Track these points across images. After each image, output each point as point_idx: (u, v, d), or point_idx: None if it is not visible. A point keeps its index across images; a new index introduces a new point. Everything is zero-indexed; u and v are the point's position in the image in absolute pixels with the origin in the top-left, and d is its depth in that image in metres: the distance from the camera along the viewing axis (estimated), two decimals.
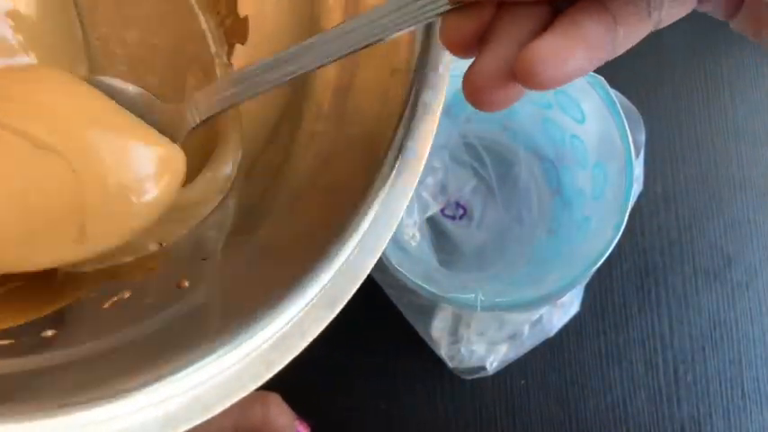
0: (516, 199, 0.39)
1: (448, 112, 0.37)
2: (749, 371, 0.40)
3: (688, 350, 0.40)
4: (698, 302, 0.41)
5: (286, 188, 0.26)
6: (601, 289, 0.40)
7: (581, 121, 0.33)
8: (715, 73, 0.43)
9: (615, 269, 0.40)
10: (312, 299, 0.20)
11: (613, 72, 0.35)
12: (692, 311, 0.41)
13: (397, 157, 0.21)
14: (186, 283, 0.24)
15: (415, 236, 0.37)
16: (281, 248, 0.24)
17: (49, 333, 0.23)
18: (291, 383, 0.37)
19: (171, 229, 0.27)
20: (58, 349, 0.22)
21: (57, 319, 0.24)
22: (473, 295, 0.30)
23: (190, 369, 0.17)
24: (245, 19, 0.29)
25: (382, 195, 0.21)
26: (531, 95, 0.35)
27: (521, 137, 0.38)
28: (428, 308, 0.37)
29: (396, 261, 0.30)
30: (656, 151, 0.41)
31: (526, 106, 0.36)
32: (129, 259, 0.26)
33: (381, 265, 0.32)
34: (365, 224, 0.21)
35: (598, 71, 0.31)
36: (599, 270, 0.31)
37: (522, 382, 0.39)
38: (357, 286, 0.21)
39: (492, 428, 0.39)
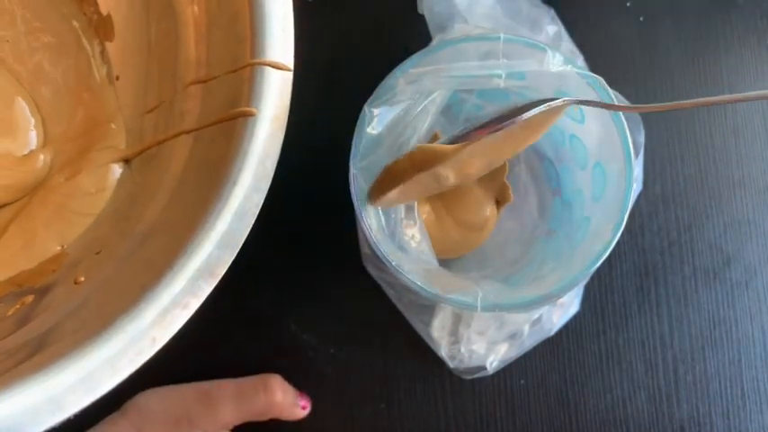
0: (516, 199, 0.39)
1: (447, 111, 0.37)
2: (749, 370, 0.40)
3: (688, 350, 0.40)
4: (697, 302, 0.41)
5: (167, 175, 0.27)
6: (601, 289, 0.40)
7: (580, 122, 0.33)
8: (714, 72, 0.43)
9: (615, 269, 0.40)
10: (191, 269, 0.21)
11: (613, 72, 0.36)
12: (691, 311, 0.41)
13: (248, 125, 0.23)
14: (82, 278, 0.25)
15: (414, 236, 0.37)
16: (164, 227, 0.25)
17: None
18: (292, 384, 0.37)
19: (70, 228, 0.28)
20: None
21: None
22: (473, 295, 0.30)
23: (75, 355, 0.18)
24: (109, 17, 0.31)
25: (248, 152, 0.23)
26: (531, 95, 0.35)
27: None
28: (428, 308, 0.37)
29: (396, 261, 0.30)
30: (655, 151, 0.41)
31: None
32: (32, 265, 0.27)
33: (381, 265, 0.32)
34: (232, 182, 0.22)
35: (597, 71, 0.32)
36: (599, 270, 0.31)
37: (522, 381, 0.39)
38: (236, 251, 0.22)
39: (492, 428, 0.39)
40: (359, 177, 0.31)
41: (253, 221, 0.22)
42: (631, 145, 0.31)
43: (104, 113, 0.30)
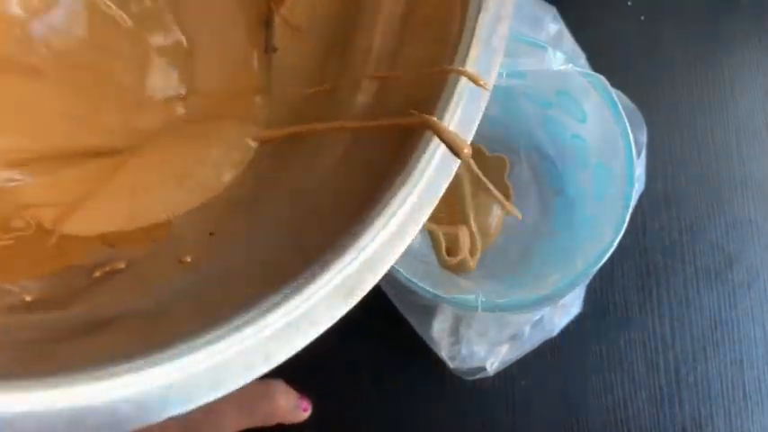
0: (517, 199, 0.39)
1: None
2: (750, 371, 0.40)
3: (689, 350, 0.40)
4: (699, 302, 0.40)
5: (308, 167, 0.24)
6: (602, 289, 0.40)
7: (582, 121, 0.33)
8: (716, 72, 0.43)
9: (616, 269, 0.40)
10: (327, 284, 0.17)
11: (614, 71, 0.35)
12: (693, 312, 0.40)
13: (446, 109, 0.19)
14: (189, 259, 0.22)
15: (415, 236, 0.37)
16: (298, 227, 0.22)
17: (28, 298, 0.21)
18: (291, 385, 0.37)
19: (185, 198, 0.25)
20: (37, 314, 0.20)
21: (41, 284, 0.22)
22: (474, 296, 0.30)
23: (173, 352, 0.15)
24: None
25: (419, 173, 0.19)
26: (532, 95, 0.35)
27: (522, 136, 0.38)
28: (429, 308, 0.37)
29: (396, 262, 0.30)
30: (657, 151, 0.41)
31: (527, 106, 0.36)
32: (130, 228, 0.24)
33: None
34: (393, 207, 0.18)
35: (599, 71, 0.31)
36: (600, 270, 0.31)
37: (523, 382, 0.39)
38: (380, 276, 0.18)
39: (493, 429, 0.39)
40: None
41: (402, 251, 0.19)
42: (633, 144, 0.31)
43: (253, 84, 0.27)
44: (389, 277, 0.37)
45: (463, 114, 0.20)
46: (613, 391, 0.39)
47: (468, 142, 0.20)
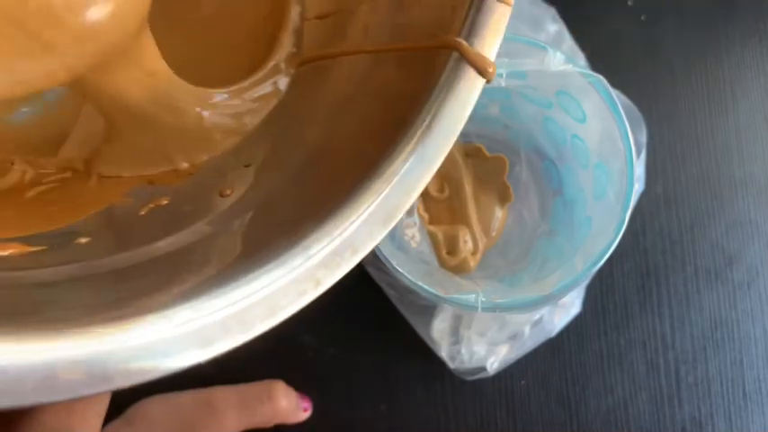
0: (517, 199, 0.39)
1: None
2: (751, 371, 0.40)
3: (689, 351, 0.40)
4: (699, 302, 0.40)
5: (334, 92, 0.24)
6: (602, 289, 0.40)
7: (582, 121, 0.33)
8: (716, 72, 0.43)
9: (616, 269, 0.40)
10: (365, 210, 0.18)
11: (614, 72, 0.35)
12: (693, 312, 0.40)
13: (458, 53, 0.19)
14: (229, 191, 0.22)
15: (415, 236, 0.37)
16: (331, 154, 0.22)
17: (83, 240, 0.21)
18: (292, 385, 0.37)
19: (198, 149, 0.24)
20: (92, 259, 0.20)
21: (90, 226, 0.22)
22: (474, 296, 0.30)
23: (231, 284, 0.16)
24: None
25: (445, 93, 0.19)
26: (532, 95, 0.35)
27: (521, 136, 0.38)
28: (428, 308, 0.37)
29: (396, 262, 0.30)
30: (657, 151, 0.41)
31: (527, 106, 0.36)
32: (153, 172, 0.24)
33: (382, 266, 0.32)
34: (422, 128, 0.18)
35: (599, 71, 0.31)
36: (600, 270, 0.31)
37: (523, 382, 0.39)
38: (414, 197, 0.18)
39: (492, 429, 0.39)
40: None
41: (437, 166, 0.19)
42: (633, 144, 0.31)
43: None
44: (390, 278, 0.37)
45: (488, 33, 0.20)
46: (613, 392, 0.39)
47: (493, 60, 0.20)
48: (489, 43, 0.19)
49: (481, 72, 0.19)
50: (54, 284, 0.19)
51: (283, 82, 0.25)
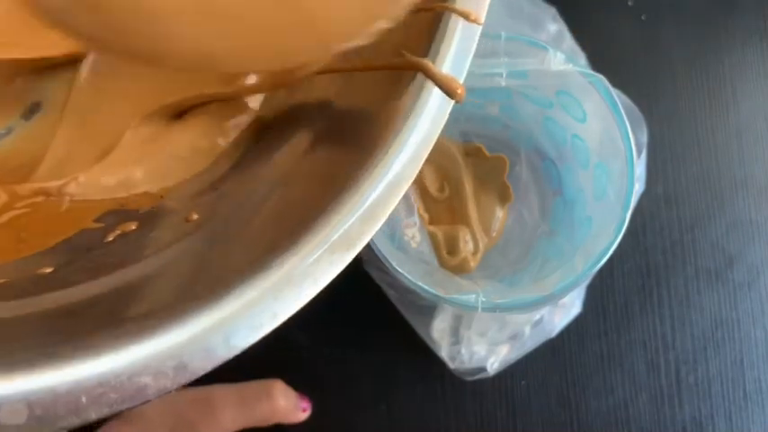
0: (517, 199, 0.39)
1: None
2: (751, 371, 0.40)
3: (690, 351, 0.40)
4: (700, 303, 0.40)
5: (305, 113, 0.24)
6: (602, 289, 0.40)
7: (582, 121, 0.33)
8: (717, 71, 0.43)
9: (617, 269, 0.40)
10: (328, 238, 0.18)
11: (615, 71, 0.35)
12: (693, 312, 0.40)
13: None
14: (195, 216, 0.22)
15: (415, 236, 0.37)
16: (300, 179, 0.22)
17: (47, 270, 0.21)
18: (291, 385, 0.37)
19: (173, 173, 0.24)
20: (56, 290, 0.20)
21: (56, 254, 0.22)
22: (474, 296, 0.30)
23: (189, 315, 0.16)
24: None
25: (413, 114, 0.19)
26: (532, 95, 0.34)
27: (522, 136, 0.38)
28: (429, 309, 0.37)
29: (396, 262, 0.30)
30: (657, 151, 0.41)
31: (527, 105, 0.36)
32: (125, 194, 0.24)
33: (382, 266, 0.32)
34: (391, 152, 0.18)
35: (599, 71, 0.31)
36: (600, 270, 0.31)
37: (523, 383, 0.39)
38: (379, 226, 0.18)
39: (493, 430, 0.39)
40: None
41: (401, 196, 0.19)
42: (633, 144, 0.31)
43: None
44: (390, 278, 0.37)
45: (456, 53, 0.19)
46: (614, 392, 0.39)
47: (462, 81, 0.19)
48: (457, 63, 0.19)
49: (449, 93, 0.19)
50: (26, 317, 0.19)
51: (255, 100, 0.25)
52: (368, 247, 0.34)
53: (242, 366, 0.39)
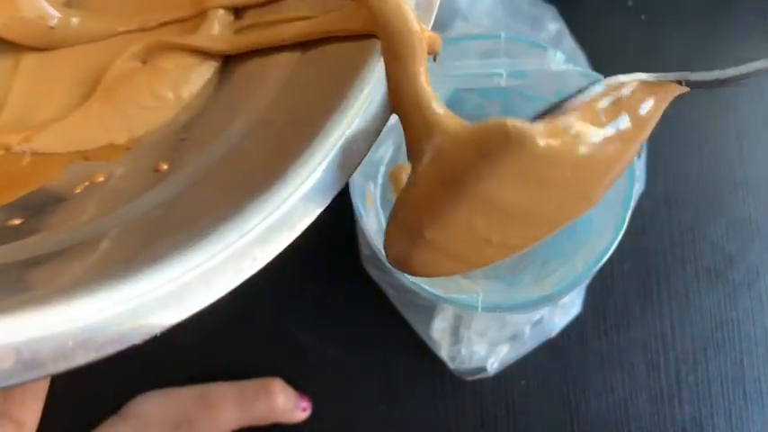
0: None
1: None
2: (751, 371, 0.40)
3: (690, 351, 0.40)
4: (700, 303, 0.40)
5: (275, 59, 0.23)
6: (602, 289, 0.40)
7: None
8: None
9: (617, 270, 0.40)
10: (301, 185, 0.18)
11: (614, 71, 0.35)
12: (693, 312, 0.40)
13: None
14: (165, 166, 0.22)
15: None
16: (266, 127, 0.22)
17: (17, 222, 0.21)
18: (291, 385, 0.37)
19: (141, 120, 0.24)
20: (26, 239, 0.20)
21: (24, 207, 0.22)
22: (474, 296, 0.30)
23: (166, 261, 0.16)
24: None
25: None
26: (532, 95, 0.34)
27: None
28: (428, 308, 0.37)
29: None
30: (657, 151, 0.41)
31: (527, 105, 0.35)
32: (93, 147, 0.24)
33: (382, 265, 0.32)
34: (364, 100, 0.19)
35: (599, 71, 0.31)
36: (600, 270, 0.31)
37: (523, 383, 0.39)
38: (352, 173, 0.19)
39: (492, 430, 0.39)
40: (358, 177, 0.31)
41: (373, 143, 0.19)
42: None
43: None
44: (389, 277, 0.37)
45: (423, 5, 0.20)
46: (613, 392, 0.39)
47: (429, 28, 0.19)
48: (422, 5, 0.19)
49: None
50: None
51: (219, 50, 0.25)
52: (368, 246, 0.34)
53: (242, 365, 0.40)
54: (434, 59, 0.20)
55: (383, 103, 0.19)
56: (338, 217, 0.37)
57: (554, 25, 0.38)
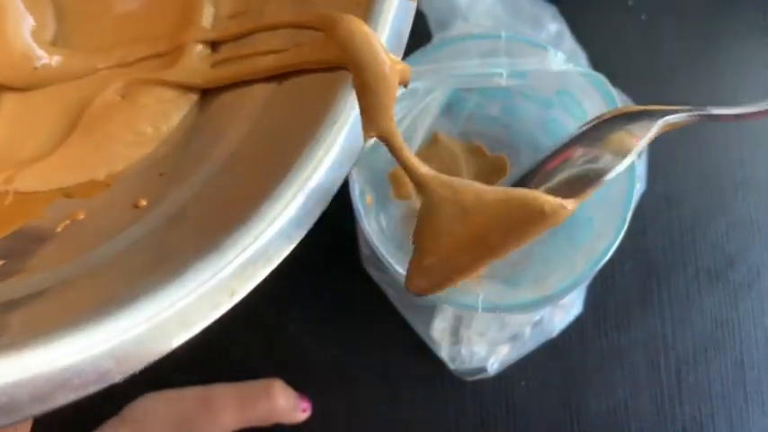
0: None
1: (448, 110, 0.36)
2: (751, 372, 0.40)
3: (690, 351, 0.40)
4: (700, 303, 0.40)
5: (250, 92, 0.24)
6: (602, 290, 0.40)
7: (582, 120, 0.33)
8: (717, 70, 0.43)
9: (617, 270, 0.40)
10: (279, 216, 0.18)
11: (614, 70, 0.35)
12: (694, 312, 0.40)
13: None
14: (144, 202, 0.22)
15: None
16: (241, 160, 0.22)
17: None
18: (291, 385, 0.36)
19: (117, 159, 0.24)
20: (7, 280, 0.20)
21: (6, 247, 0.22)
22: (474, 296, 0.30)
23: (142, 299, 0.16)
24: None
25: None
26: (532, 95, 0.34)
27: (522, 135, 0.38)
28: (428, 308, 0.37)
29: (396, 262, 0.30)
30: (658, 151, 0.41)
31: (527, 105, 0.35)
32: (73, 183, 0.24)
33: (381, 266, 0.32)
34: (337, 128, 0.19)
35: (599, 70, 0.31)
36: (601, 271, 0.30)
37: (523, 383, 0.39)
38: (327, 203, 0.19)
39: (493, 430, 0.39)
40: (358, 177, 0.31)
41: (348, 170, 0.19)
42: None
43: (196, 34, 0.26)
44: (390, 277, 0.37)
45: (392, 31, 0.20)
46: (614, 392, 0.39)
47: (400, 59, 0.20)
48: (392, 36, 0.20)
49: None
50: None
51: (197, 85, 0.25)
52: (368, 246, 0.34)
53: (242, 366, 0.40)
54: (405, 87, 0.20)
55: (357, 134, 0.19)
56: (338, 217, 0.37)
57: (554, 25, 0.38)
